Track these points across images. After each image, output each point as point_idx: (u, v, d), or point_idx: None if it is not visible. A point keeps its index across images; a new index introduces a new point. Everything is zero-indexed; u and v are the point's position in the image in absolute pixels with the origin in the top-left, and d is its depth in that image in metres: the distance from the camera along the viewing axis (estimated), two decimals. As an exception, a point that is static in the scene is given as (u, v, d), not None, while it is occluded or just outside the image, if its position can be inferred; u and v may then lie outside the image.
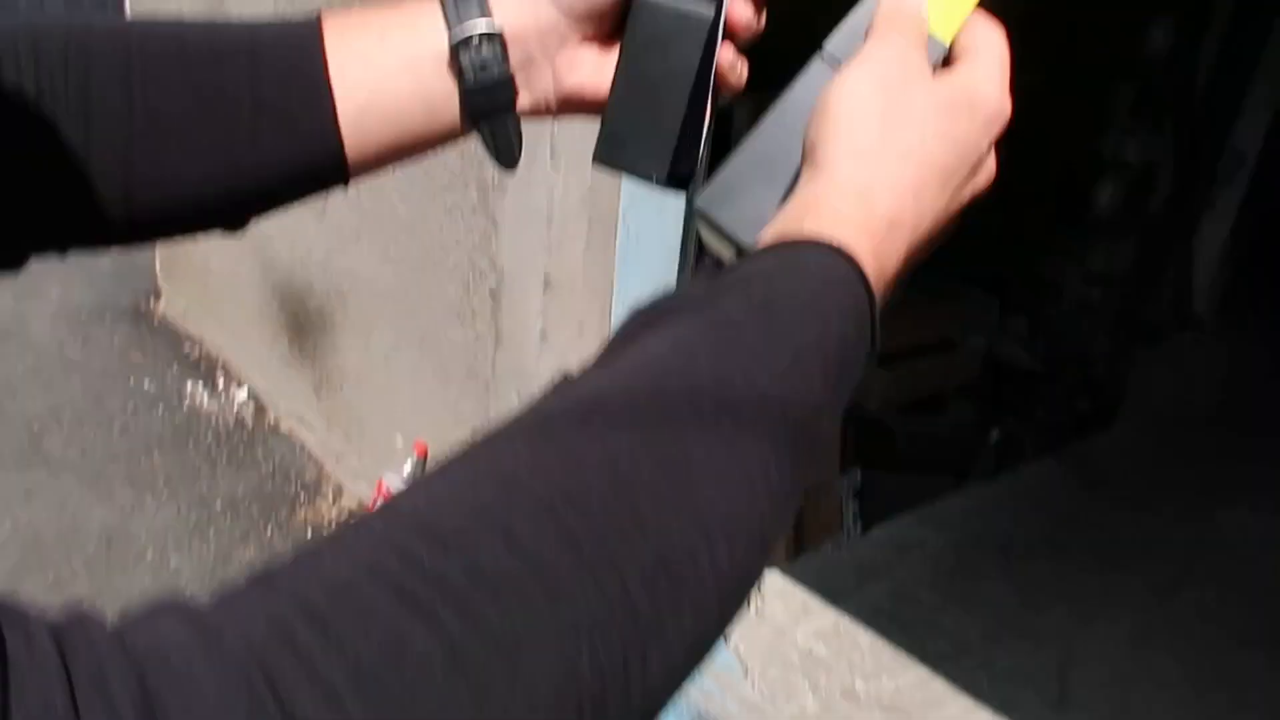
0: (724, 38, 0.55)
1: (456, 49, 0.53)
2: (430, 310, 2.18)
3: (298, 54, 0.53)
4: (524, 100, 0.56)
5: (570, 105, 0.58)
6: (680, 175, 0.56)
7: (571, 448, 0.35)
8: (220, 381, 2.95)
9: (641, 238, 1.66)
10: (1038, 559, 2.46)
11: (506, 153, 0.57)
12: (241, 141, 0.52)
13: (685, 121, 0.55)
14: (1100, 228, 3.34)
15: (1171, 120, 3.30)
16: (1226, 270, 3.67)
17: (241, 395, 2.91)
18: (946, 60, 0.51)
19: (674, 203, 1.64)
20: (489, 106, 0.55)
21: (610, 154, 0.57)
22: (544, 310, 1.86)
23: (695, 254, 1.64)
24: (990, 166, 0.50)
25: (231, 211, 0.55)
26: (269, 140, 0.52)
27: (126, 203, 0.51)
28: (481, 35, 0.53)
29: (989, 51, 0.50)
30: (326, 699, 0.27)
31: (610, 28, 0.57)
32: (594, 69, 0.57)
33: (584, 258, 1.75)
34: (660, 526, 0.33)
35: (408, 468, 2.24)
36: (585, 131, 0.59)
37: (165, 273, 3.20)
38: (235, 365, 2.98)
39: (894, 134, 0.46)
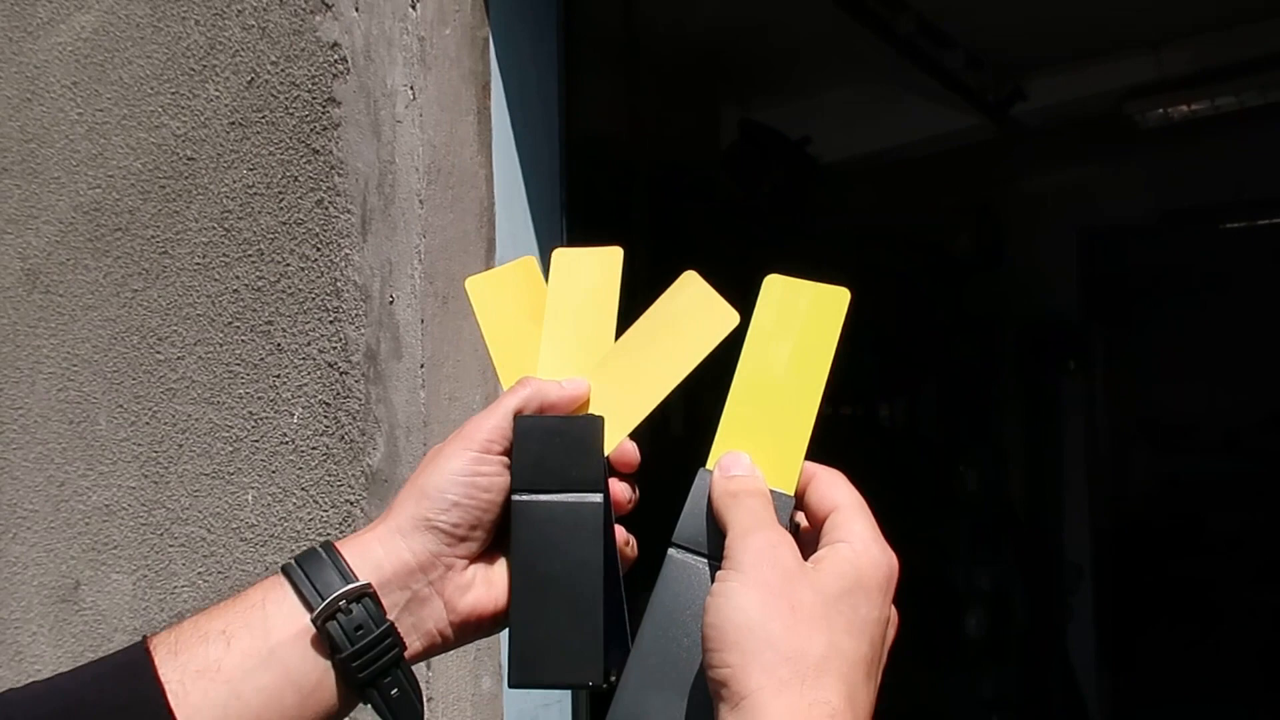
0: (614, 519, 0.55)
1: (321, 623, 0.50)
2: None
3: (127, 700, 0.48)
4: (415, 645, 0.54)
5: (468, 628, 0.55)
6: (617, 669, 0.52)
7: None
8: None
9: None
10: None
11: (407, 715, 0.52)
12: None
13: (605, 612, 0.53)
14: (978, 655, 3.47)
15: (1009, 549, 3.62)
16: (1105, 677, 3.80)
17: None
18: (799, 503, 0.51)
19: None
20: (374, 670, 0.51)
21: (531, 672, 0.53)
22: None
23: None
24: (895, 619, 0.48)
25: None
26: None
27: None
28: (347, 598, 0.51)
29: (847, 512, 0.49)
30: None
31: (492, 539, 0.55)
32: (486, 585, 0.55)
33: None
34: None
35: None
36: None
37: None
38: None
39: (807, 654, 0.43)
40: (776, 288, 0.55)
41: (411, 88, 1.06)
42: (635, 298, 0.61)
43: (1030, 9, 2.27)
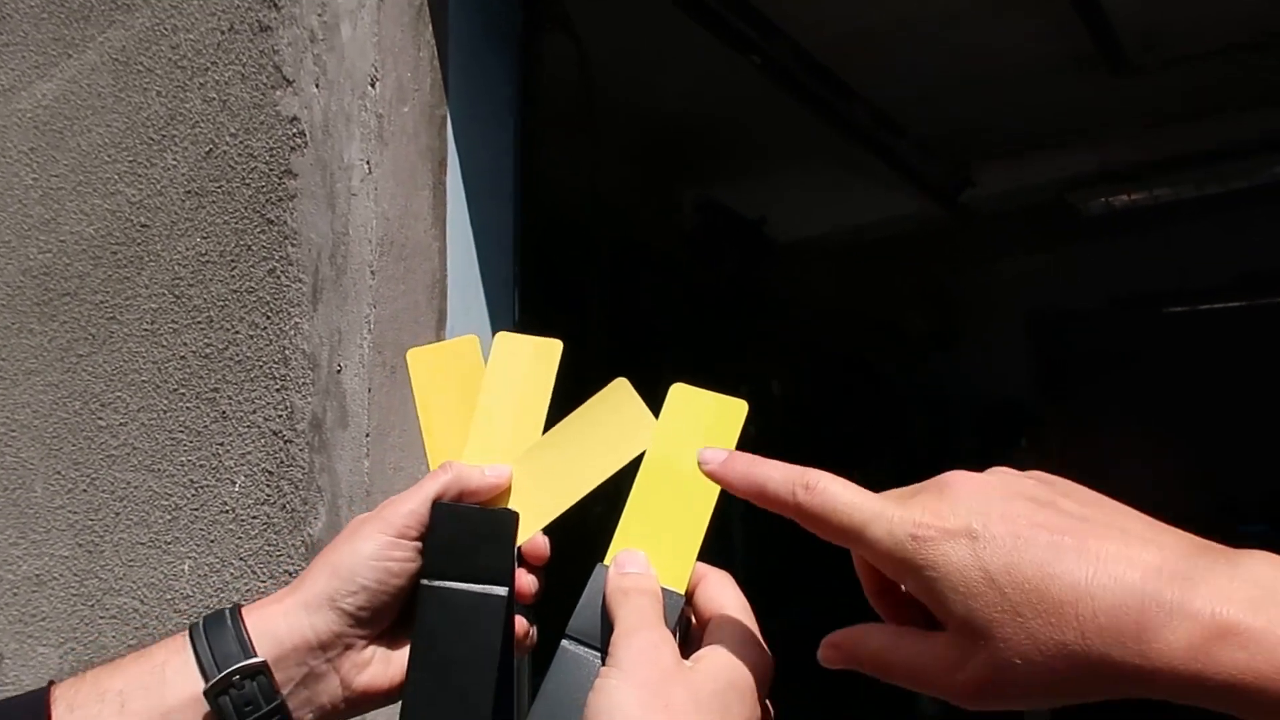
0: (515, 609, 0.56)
1: (214, 697, 0.51)
2: None
3: None
4: (306, 719, 0.55)
5: (360, 703, 0.56)
6: None
7: None
8: None
9: None
10: None
11: None
12: None
13: (495, 702, 0.54)
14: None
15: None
16: None
17: None
18: (689, 600, 0.53)
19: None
20: None
21: None
22: None
23: None
24: (772, 716, 0.50)
25: None
26: None
27: None
28: (240, 674, 0.52)
29: (729, 615, 0.51)
30: None
31: (393, 621, 0.56)
32: (383, 663, 0.56)
33: None
34: None
35: None
36: None
37: None
38: None
39: None
40: (681, 395, 0.58)
41: (368, 162, 1.08)
42: (588, 371, 0.62)
43: (979, 103, 2.36)
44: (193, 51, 1.26)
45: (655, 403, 0.59)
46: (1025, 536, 0.39)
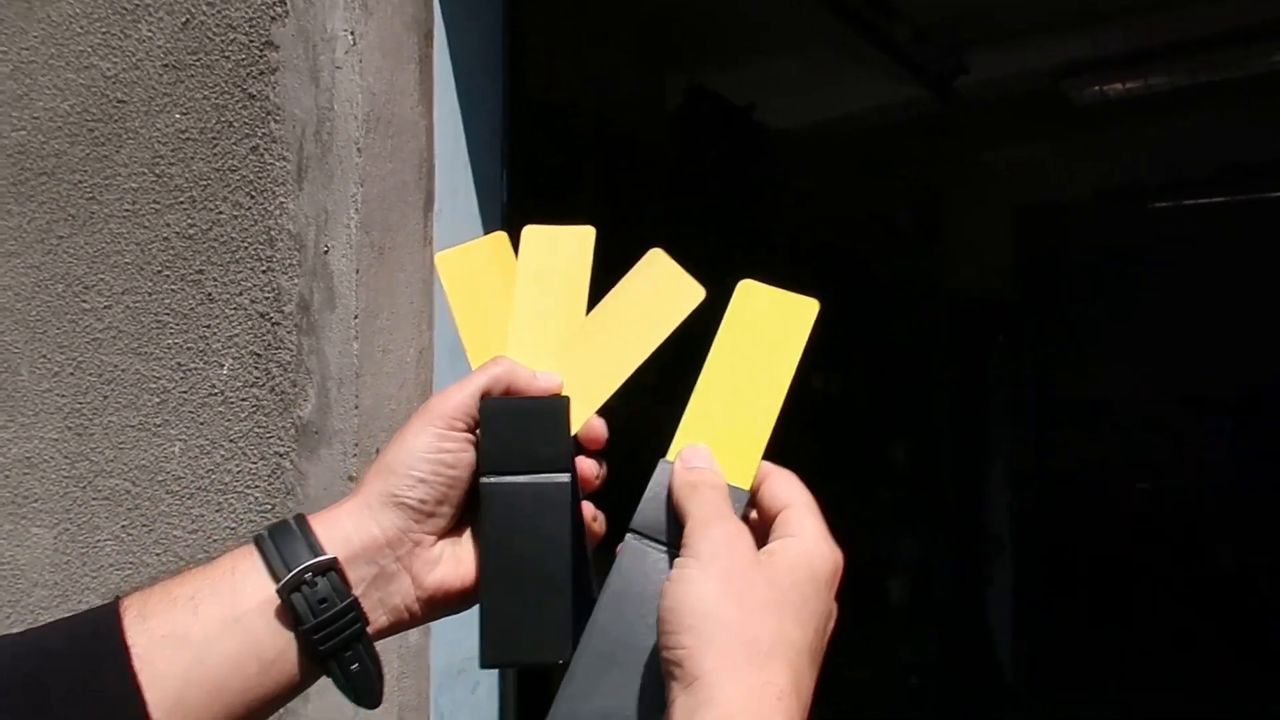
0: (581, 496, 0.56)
1: (286, 594, 0.51)
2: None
3: (93, 659, 0.49)
4: (380, 620, 0.54)
5: (436, 604, 0.56)
6: None
7: None
8: None
9: None
10: None
11: (366, 690, 0.53)
12: None
13: (574, 591, 0.53)
14: (901, 620, 3.57)
15: (934, 518, 3.71)
16: (1023, 641, 3.93)
17: None
18: (753, 498, 0.53)
19: (487, 681, 1.68)
20: (336, 643, 0.52)
21: (504, 650, 0.53)
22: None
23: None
24: (835, 612, 0.50)
25: None
26: None
27: None
28: (312, 571, 0.51)
29: (799, 510, 0.51)
30: None
31: (459, 516, 0.56)
32: (454, 561, 0.56)
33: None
34: None
35: None
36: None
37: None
38: None
39: (759, 639, 0.46)
40: (749, 292, 0.56)
41: (352, 33, 1.04)
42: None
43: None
44: (162, -85, 1.20)
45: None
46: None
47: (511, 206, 1.20)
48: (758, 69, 2.75)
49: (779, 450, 0.54)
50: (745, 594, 0.46)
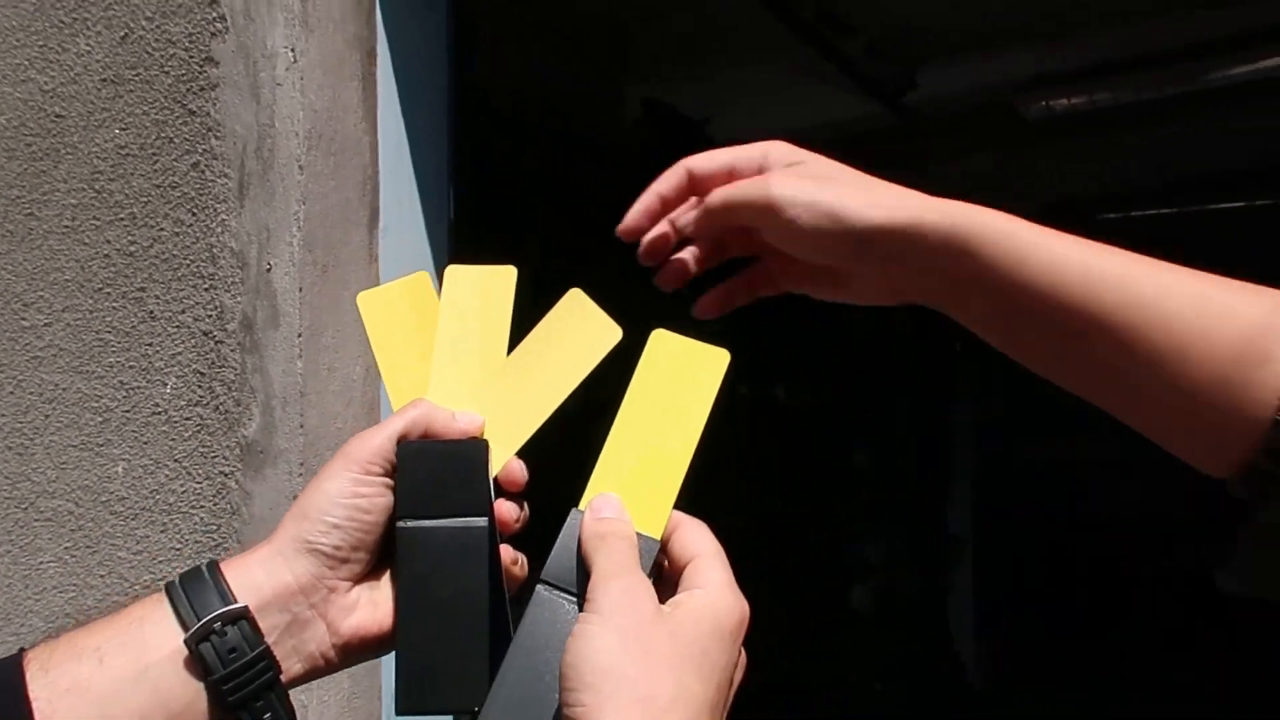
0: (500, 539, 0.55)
1: (195, 644, 0.50)
2: None
3: None
4: (294, 668, 0.54)
5: (352, 650, 0.55)
6: None
7: None
8: None
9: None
10: None
11: None
12: None
13: (491, 635, 0.53)
14: (863, 623, 3.59)
15: (898, 521, 3.75)
16: (985, 642, 3.98)
17: None
18: (664, 548, 0.53)
19: None
20: (246, 693, 0.51)
21: (420, 697, 0.52)
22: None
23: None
24: (743, 661, 0.50)
25: None
26: None
27: None
28: (222, 620, 0.50)
29: (707, 560, 0.51)
30: None
31: (375, 561, 0.55)
32: (370, 607, 0.55)
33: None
34: None
35: None
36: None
37: None
38: None
39: (657, 696, 0.45)
40: (661, 341, 0.57)
41: (293, 50, 1.04)
42: (529, 283, 0.61)
43: (924, 4, 2.33)
44: (102, -71, 1.19)
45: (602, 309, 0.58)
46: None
47: (458, 223, 1.20)
48: (712, 82, 2.77)
49: (738, 465, 0.54)
50: (645, 650, 0.46)
